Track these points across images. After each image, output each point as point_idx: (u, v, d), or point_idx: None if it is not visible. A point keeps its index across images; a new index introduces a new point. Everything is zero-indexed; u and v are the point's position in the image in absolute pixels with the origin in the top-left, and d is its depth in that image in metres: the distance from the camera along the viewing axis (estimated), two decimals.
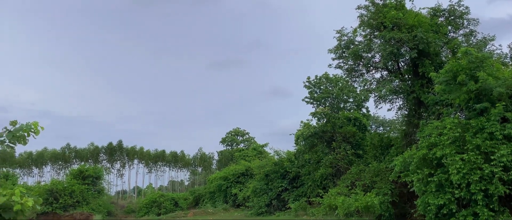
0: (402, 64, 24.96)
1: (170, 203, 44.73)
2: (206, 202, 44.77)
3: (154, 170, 79.23)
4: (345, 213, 20.28)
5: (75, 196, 40.96)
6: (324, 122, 31.36)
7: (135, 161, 76.52)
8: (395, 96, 25.10)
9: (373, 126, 43.08)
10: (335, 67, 26.25)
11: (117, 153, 73.83)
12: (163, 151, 77.25)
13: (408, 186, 18.89)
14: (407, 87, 23.28)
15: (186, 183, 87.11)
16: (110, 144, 73.06)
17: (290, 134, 33.67)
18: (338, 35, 25.37)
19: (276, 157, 37.03)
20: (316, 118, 31.94)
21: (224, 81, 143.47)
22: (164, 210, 43.26)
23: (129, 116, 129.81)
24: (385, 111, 68.24)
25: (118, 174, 75.68)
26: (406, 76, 24.58)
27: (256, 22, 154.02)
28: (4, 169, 53.53)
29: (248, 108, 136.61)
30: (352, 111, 34.49)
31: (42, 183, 51.73)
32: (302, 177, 31.78)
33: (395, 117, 35.78)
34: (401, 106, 25.82)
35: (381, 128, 44.11)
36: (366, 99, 33.82)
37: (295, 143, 33.40)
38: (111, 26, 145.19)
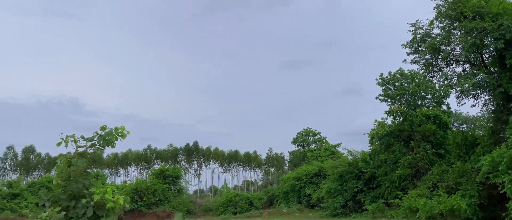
0: (487, 56, 23.04)
1: (245, 203, 45.68)
2: (280, 202, 45.04)
3: (229, 170, 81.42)
4: (427, 216, 19.21)
5: (157, 195, 43.53)
6: (401, 120, 29.96)
7: (211, 161, 79.30)
8: (479, 91, 23.25)
9: (455, 124, 40.26)
10: (410, 62, 24.98)
11: (194, 153, 77.02)
12: (236, 151, 79.10)
13: (498, 188, 17.41)
14: (493, 81, 21.43)
15: (260, 183, 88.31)
16: (187, 145, 76.44)
17: (364, 134, 32.57)
18: (412, 28, 24.08)
19: (350, 157, 36.12)
20: (391, 116, 30.65)
21: (295, 81, 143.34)
22: (240, 209, 44.28)
23: (205, 118, 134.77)
24: (468, 107, 63.22)
25: (195, 174, 78.91)
26: (492, 69, 22.64)
27: (327, 21, 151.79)
28: (95, 170, 58.42)
29: (319, 108, 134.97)
30: (431, 108, 32.58)
31: (128, 183, 55.63)
32: (379, 177, 30.65)
33: (480, 113, 33.08)
34: (487, 101, 23.87)
35: (464, 126, 41.06)
36: (447, 95, 31.79)
37: (369, 143, 32.32)
38: (186, 32, 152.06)
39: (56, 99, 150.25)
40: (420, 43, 23.88)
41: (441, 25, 23.11)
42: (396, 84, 32.31)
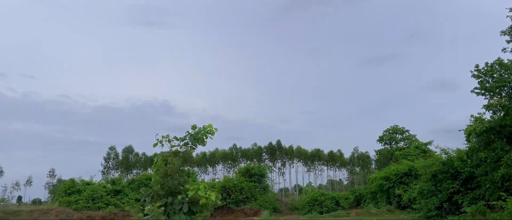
0: None
1: (331, 202, 44.92)
2: (368, 202, 43.51)
3: (313, 169, 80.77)
4: None
5: (244, 193, 44.72)
6: (502, 114, 27.12)
7: (294, 160, 79.37)
8: None
9: None
10: (510, 51, 22.56)
11: (277, 152, 77.73)
12: (319, 150, 78.17)
13: None
14: None
15: (345, 182, 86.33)
16: (270, 144, 77.38)
17: (459, 130, 29.98)
18: None
19: (444, 155, 33.60)
20: (490, 111, 27.86)
21: (378, 77, 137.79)
22: (326, 208, 43.67)
23: (286, 116, 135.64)
24: None
25: (279, 172, 79.63)
26: None
27: (411, 14, 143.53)
28: (186, 168, 61.74)
29: (406, 104, 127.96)
30: None
31: (216, 180, 57.94)
32: (478, 177, 28.07)
33: None
34: None
35: None
36: None
37: (466, 140, 29.69)
38: (267, 33, 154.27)
39: (149, 103, 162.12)
40: None
41: None
42: (495, 75, 29.32)
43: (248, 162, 69.82)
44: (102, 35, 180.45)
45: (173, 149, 8.13)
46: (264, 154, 77.89)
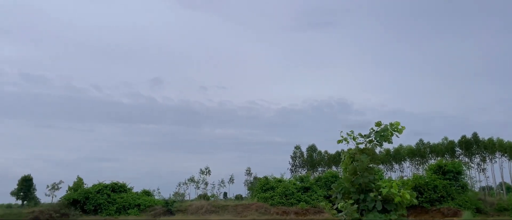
0: None
1: None
2: None
3: None
4: None
5: (438, 191, 41.12)
6: None
7: (496, 154, 69.00)
8: None
9: None
10: None
11: (474, 146, 69.04)
12: None
13: None
14: None
15: None
16: (464, 137, 69.29)
17: None
18: None
19: None
20: None
21: None
22: None
23: (482, 106, 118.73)
24: None
25: (478, 169, 70.49)
26: None
27: None
28: (370, 166, 60.39)
29: None
30: None
31: (404, 178, 54.92)
32: None
33: None
34: None
35: None
36: None
37: None
38: (443, 17, 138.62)
39: (325, 102, 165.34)
40: None
41: None
42: None
43: (439, 158, 63.93)
44: (278, 42, 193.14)
45: (360, 146, 8.12)
46: (457, 148, 70.13)
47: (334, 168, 78.57)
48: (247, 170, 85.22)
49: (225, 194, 79.69)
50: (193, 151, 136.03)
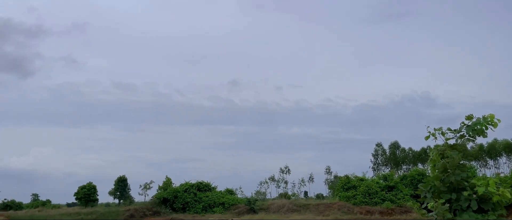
0: None
1: None
2: None
3: None
4: None
5: None
6: None
7: None
8: None
9: None
10: None
11: None
12: None
13: None
14: None
15: None
16: None
17: None
18: None
19: None
20: None
21: None
22: None
23: None
24: None
25: None
26: None
27: None
28: (462, 162, 56.36)
29: None
30: None
31: (501, 175, 50.39)
32: None
33: None
34: None
35: None
36: None
37: None
38: None
39: (407, 97, 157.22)
40: None
41: None
42: None
43: None
44: (352, 37, 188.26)
45: (449, 141, 7.74)
46: None
47: (420, 166, 74.59)
48: (326, 169, 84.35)
49: (305, 193, 79.59)
50: (272, 150, 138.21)
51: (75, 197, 52.73)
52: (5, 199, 55.60)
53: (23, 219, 39.96)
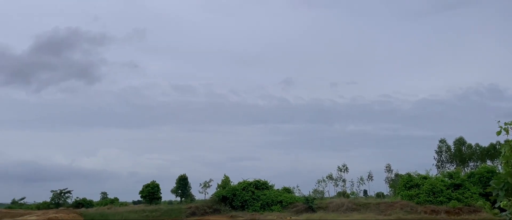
0: None
1: None
2: None
3: None
4: None
5: None
6: None
7: None
8: None
9: None
10: None
11: None
12: None
13: None
14: None
15: None
16: None
17: None
18: None
19: None
20: None
21: None
22: None
23: None
24: None
25: None
26: None
27: None
28: None
29: None
30: None
31: None
32: None
33: None
34: None
35: None
36: None
37: None
38: None
39: (472, 89, 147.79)
40: None
41: None
42: None
43: None
44: (407, 29, 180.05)
45: None
46: None
47: (488, 163, 69.95)
48: (386, 167, 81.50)
49: (365, 191, 77.60)
50: (328, 148, 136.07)
51: (140, 195, 55.44)
52: (77, 198, 59.71)
53: (94, 217, 42.74)
